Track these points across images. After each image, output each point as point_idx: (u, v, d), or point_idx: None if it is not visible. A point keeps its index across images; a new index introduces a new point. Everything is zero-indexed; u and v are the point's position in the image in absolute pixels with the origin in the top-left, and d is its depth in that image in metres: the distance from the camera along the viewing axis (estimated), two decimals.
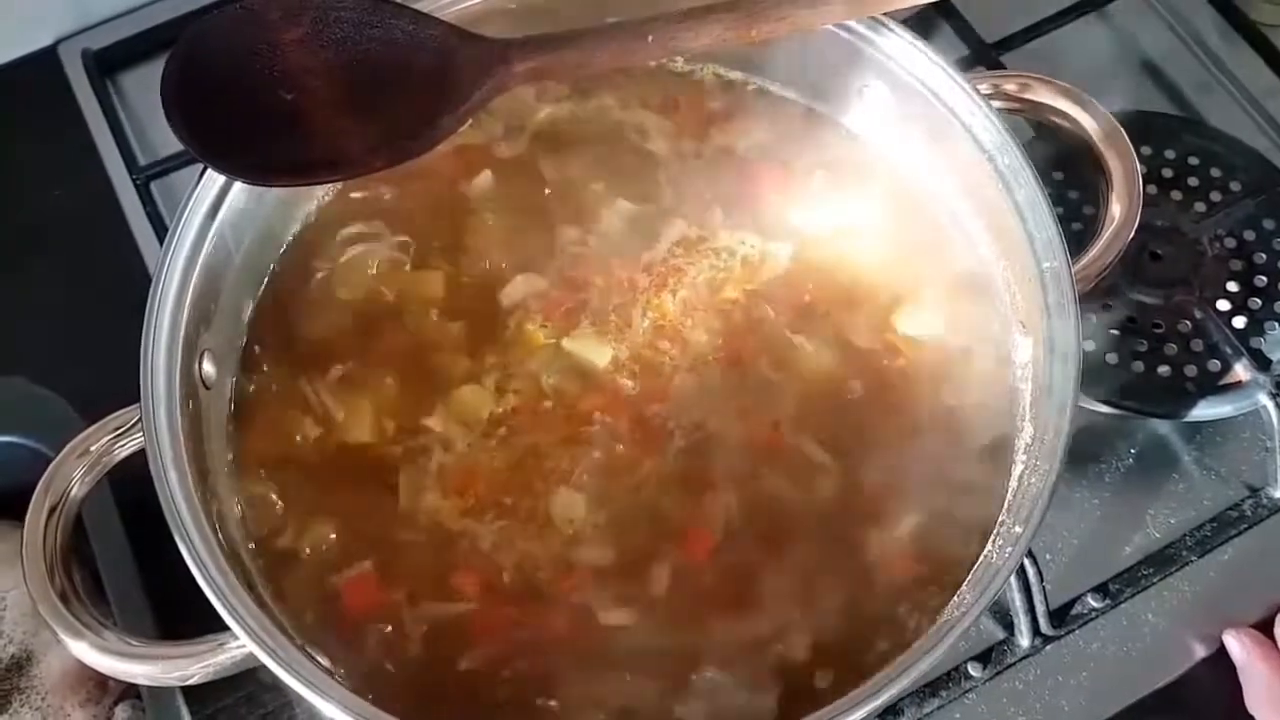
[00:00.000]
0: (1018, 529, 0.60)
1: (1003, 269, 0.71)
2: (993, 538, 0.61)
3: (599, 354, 0.71)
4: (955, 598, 0.60)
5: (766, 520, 0.67)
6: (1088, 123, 0.70)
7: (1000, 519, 0.62)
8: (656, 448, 0.69)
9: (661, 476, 0.68)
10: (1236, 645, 0.76)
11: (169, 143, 0.91)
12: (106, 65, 1.00)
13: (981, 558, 0.61)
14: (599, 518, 0.67)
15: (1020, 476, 0.63)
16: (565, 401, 0.70)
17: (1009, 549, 0.59)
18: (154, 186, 0.92)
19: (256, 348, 0.73)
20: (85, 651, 0.61)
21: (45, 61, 1.00)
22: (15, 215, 0.95)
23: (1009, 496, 0.63)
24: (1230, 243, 0.87)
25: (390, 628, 0.65)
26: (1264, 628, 0.78)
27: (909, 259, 0.74)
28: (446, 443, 0.69)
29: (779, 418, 0.69)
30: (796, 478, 0.68)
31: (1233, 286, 0.85)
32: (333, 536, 0.68)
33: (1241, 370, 0.82)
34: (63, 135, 0.97)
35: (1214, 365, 0.82)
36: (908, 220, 0.75)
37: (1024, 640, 0.78)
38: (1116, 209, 0.69)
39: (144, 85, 1.00)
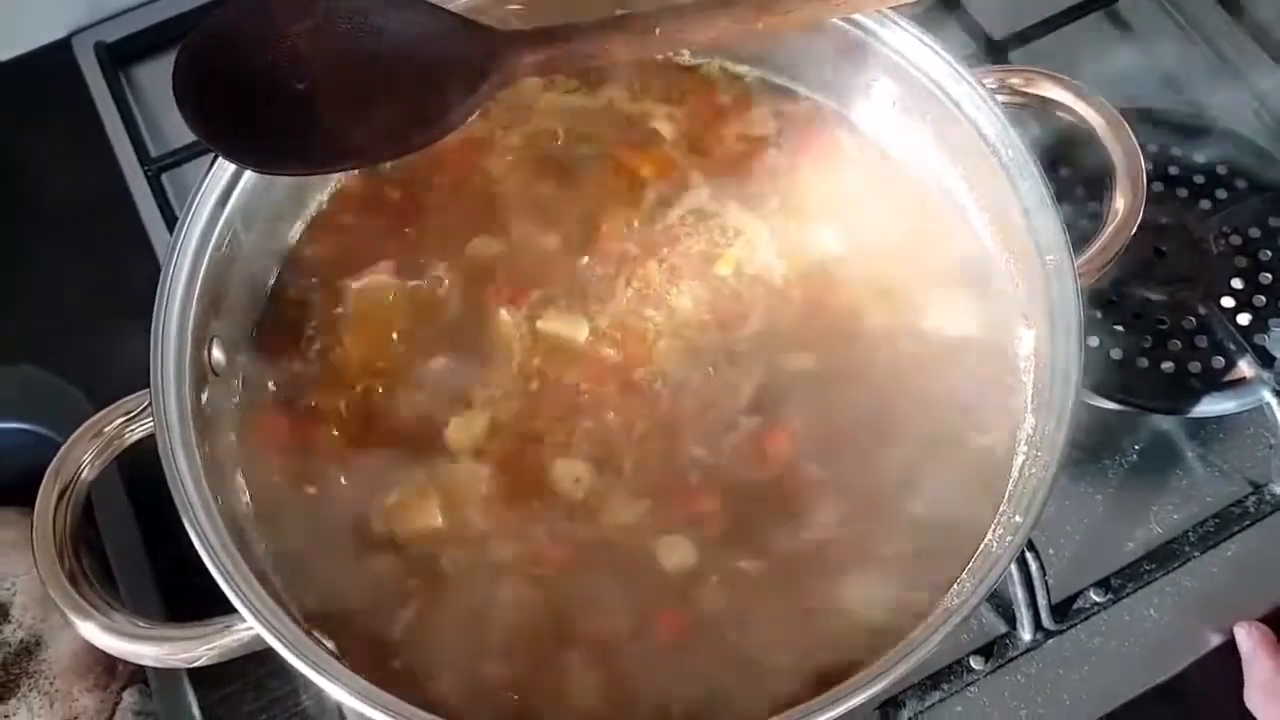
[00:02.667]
0: (1018, 519, 0.60)
1: (1006, 262, 0.71)
2: (993, 527, 0.62)
3: (576, 329, 0.72)
4: (954, 586, 0.60)
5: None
6: (1092, 117, 0.71)
7: (1001, 509, 0.62)
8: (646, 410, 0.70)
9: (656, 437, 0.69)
10: (1244, 636, 0.77)
11: (180, 134, 0.92)
12: (119, 58, 1.00)
13: (981, 547, 0.61)
14: (600, 483, 0.68)
15: (1021, 467, 0.64)
16: (549, 381, 0.71)
17: (1009, 538, 0.59)
18: (165, 178, 0.93)
19: (266, 336, 0.73)
20: (93, 632, 0.62)
21: (59, 54, 1.01)
22: (28, 205, 0.96)
23: (1010, 487, 0.63)
24: (1235, 240, 0.87)
25: (400, 612, 0.66)
26: (1275, 621, 0.78)
27: (912, 251, 0.74)
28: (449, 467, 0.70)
29: (775, 409, 0.70)
30: (787, 470, 0.68)
31: (1237, 283, 0.85)
32: (340, 524, 0.68)
33: (1245, 367, 0.82)
34: (76, 127, 0.98)
35: (1218, 362, 0.82)
36: (912, 213, 0.75)
37: (1026, 634, 0.78)
38: (1120, 204, 0.69)
39: (156, 78, 1.01)
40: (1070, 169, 0.88)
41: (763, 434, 0.69)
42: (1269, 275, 0.85)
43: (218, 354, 0.69)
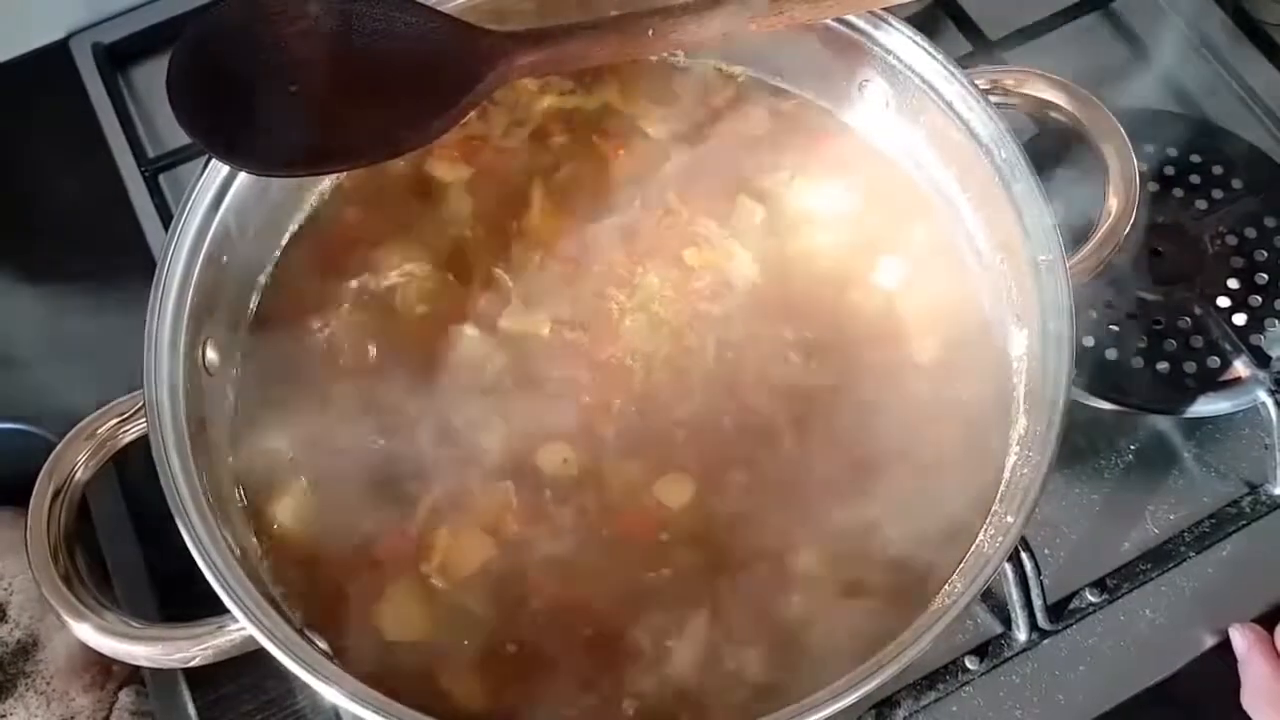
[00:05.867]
0: (1009, 518, 0.60)
1: (1000, 261, 0.71)
2: (984, 527, 0.62)
3: (536, 323, 0.72)
4: (946, 587, 0.60)
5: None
6: (1085, 117, 0.71)
7: (993, 509, 0.62)
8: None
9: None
10: (1240, 638, 0.77)
11: (177, 135, 0.92)
12: (117, 59, 1.01)
13: (973, 547, 0.61)
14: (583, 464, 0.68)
15: (1013, 467, 0.64)
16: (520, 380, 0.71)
17: (1000, 538, 0.59)
18: (162, 179, 0.93)
19: (259, 337, 0.73)
20: (87, 633, 0.62)
21: (57, 55, 1.01)
22: (25, 206, 0.96)
23: (1002, 487, 0.63)
24: (1231, 240, 0.87)
25: (391, 613, 0.66)
26: (1270, 622, 0.77)
27: (904, 251, 0.74)
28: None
29: (764, 409, 0.70)
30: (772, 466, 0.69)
31: (1233, 284, 0.85)
32: (333, 523, 0.68)
33: (1241, 367, 0.82)
34: (73, 128, 0.98)
35: (1214, 362, 0.82)
36: (904, 213, 0.75)
37: (1021, 634, 0.78)
38: (1113, 203, 0.69)
39: (153, 79, 1.01)
40: (1064, 169, 0.87)
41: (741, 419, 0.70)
42: (1265, 275, 0.85)
43: (212, 354, 0.69)
